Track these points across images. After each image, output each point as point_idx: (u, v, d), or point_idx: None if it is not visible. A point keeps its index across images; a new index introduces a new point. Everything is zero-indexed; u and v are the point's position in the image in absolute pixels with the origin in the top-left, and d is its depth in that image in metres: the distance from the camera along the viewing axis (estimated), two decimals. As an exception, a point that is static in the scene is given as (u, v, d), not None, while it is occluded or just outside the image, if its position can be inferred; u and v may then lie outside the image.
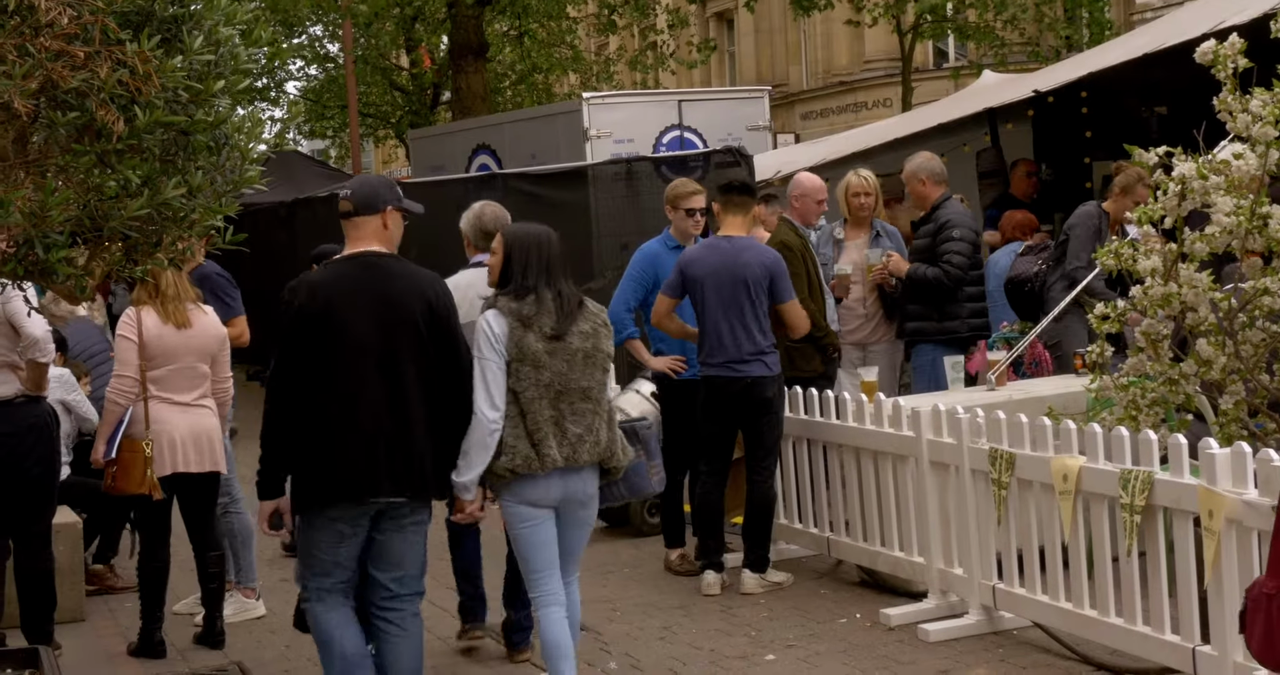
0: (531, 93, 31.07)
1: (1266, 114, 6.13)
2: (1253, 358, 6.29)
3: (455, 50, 23.79)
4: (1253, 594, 4.21)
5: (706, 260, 8.09)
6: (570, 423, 5.78)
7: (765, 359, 8.03)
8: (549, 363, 5.74)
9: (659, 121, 17.79)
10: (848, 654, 6.93)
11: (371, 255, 5.84)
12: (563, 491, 5.85)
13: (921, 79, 30.97)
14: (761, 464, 8.13)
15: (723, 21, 43.88)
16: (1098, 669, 6.43)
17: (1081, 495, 6.30)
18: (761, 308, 8.04)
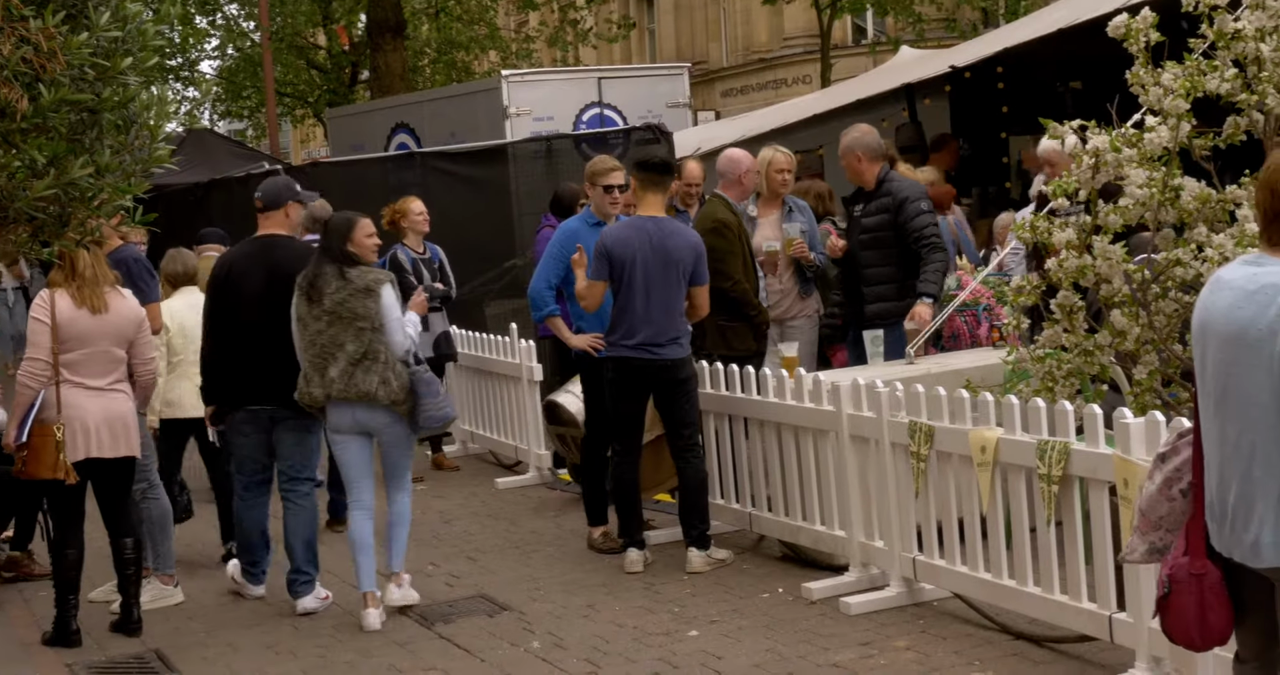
0: (450, 71, 30.91)
1: (1178, 87, 6.19)
2: (1166, 328, 6.35)
3: (373, 28, 23.62)
4: (1178, 576, 4.16)
5: (633, 241, 8.03)
6: (330, 367, 7.40)
7: (681, 341, 8.04)
8: (310, 321, 7.43)
9: (579, 99, 17.76)
10: (770, 628, 6.95)
11: (269, 237, 8.01)
12: (352, 419, 7.50)
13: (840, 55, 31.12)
14: (687, 443, 8.12)
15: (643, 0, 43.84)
16: (1016, 638, 6.48)
17: (999, 466, 6.35)
18: (682, 291, 8.03)
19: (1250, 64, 6.25)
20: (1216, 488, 4.05)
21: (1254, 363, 3.88)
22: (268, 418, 7.84)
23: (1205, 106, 6.35)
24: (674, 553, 8.24)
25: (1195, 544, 4.15)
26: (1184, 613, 4.15)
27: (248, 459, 7.99)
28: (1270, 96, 6.20)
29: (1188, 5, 6.31)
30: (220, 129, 38.82)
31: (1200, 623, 4.14)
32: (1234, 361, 3.95)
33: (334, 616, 7.73)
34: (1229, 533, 4.02)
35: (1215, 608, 4.10)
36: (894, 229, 9.04)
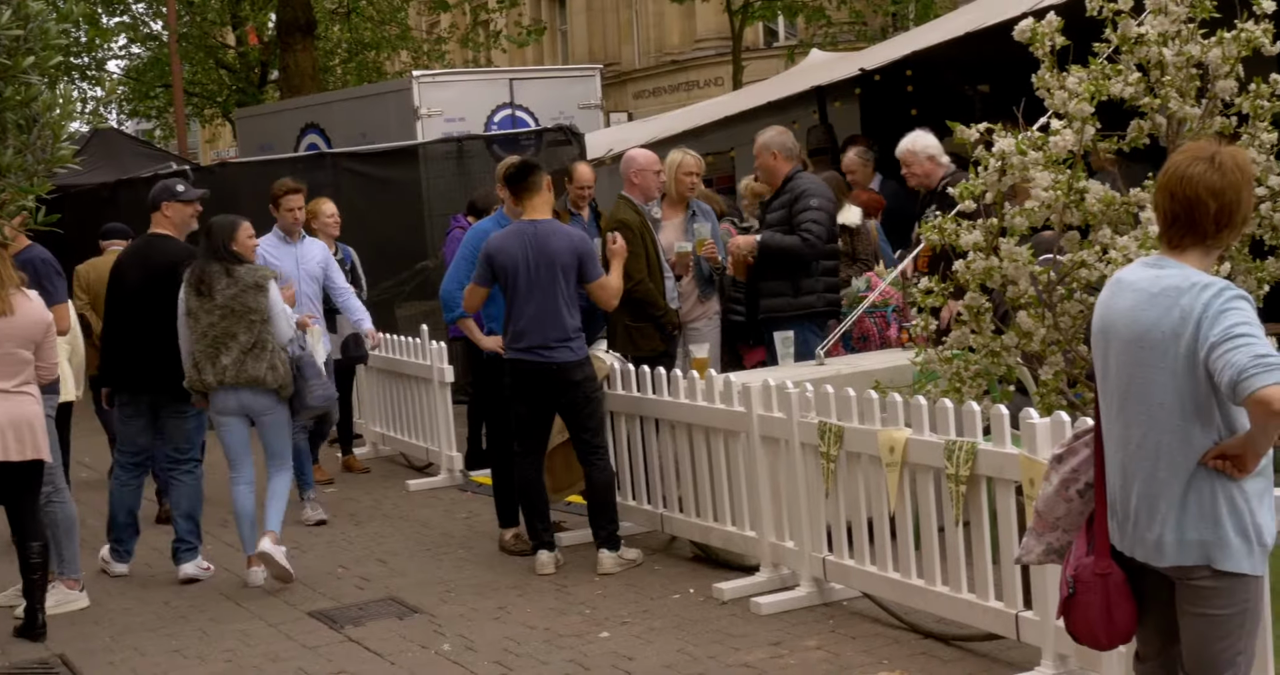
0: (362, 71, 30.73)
1: (1082, 90, 6.27)
2: (1071, 329, 6.43)
3: (282, 27, 23.41)
4: (1083, 576, 4.20)
5: (513, 246, 8.01)
6: (222, 356, 8.15)
7: (571, 345, 7.99)
8: (201, 315, 8.15)
9: (490, 100, 17.72)
10: (681, 629, 6.96)
11: (151, 236, 8.79)
12: (238, 403, 8.24)
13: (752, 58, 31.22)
14: (591, 445, 8.11)
15: (555, 0, 43.77)
16: (925, 637, 6.53)
17: (908, 467, 6.39)
18: (571, 291, 8.00)
19: (1153, 68, 6.35)
20: (1119, 488, 4.10)
21: (1157, 364, 3.94)
22: (147, 404, 8.58)
23: (1109, 110, 6.44)
24: (585, 554, 8.24)
25: (1100, 544, 4.19)
26: (1089, 612, 4.19)
27: (128, 442, 8.71)
28: (1173, 100, 6.30)
29: (1092, 10, 6.39)
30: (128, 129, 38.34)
31: (1106, 622, 4.18)
32: (1137, 363, 4.00)
33: (241, 620, 7.66)
34: (1131, 532, 4.08)
35: (1121, 606, 4.14)
36: (789, 224, 9.12)
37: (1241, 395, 3.70)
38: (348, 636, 7.25)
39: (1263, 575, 3.96)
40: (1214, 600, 3.95)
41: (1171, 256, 4.03)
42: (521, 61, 36.26)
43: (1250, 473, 3.88)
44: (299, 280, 9.70)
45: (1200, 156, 4.01)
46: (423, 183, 14.06)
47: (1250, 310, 3.83)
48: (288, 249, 10.04)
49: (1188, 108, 6.34)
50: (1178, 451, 3.94)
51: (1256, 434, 3.80)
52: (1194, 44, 6.28)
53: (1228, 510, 3.90)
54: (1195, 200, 3.98)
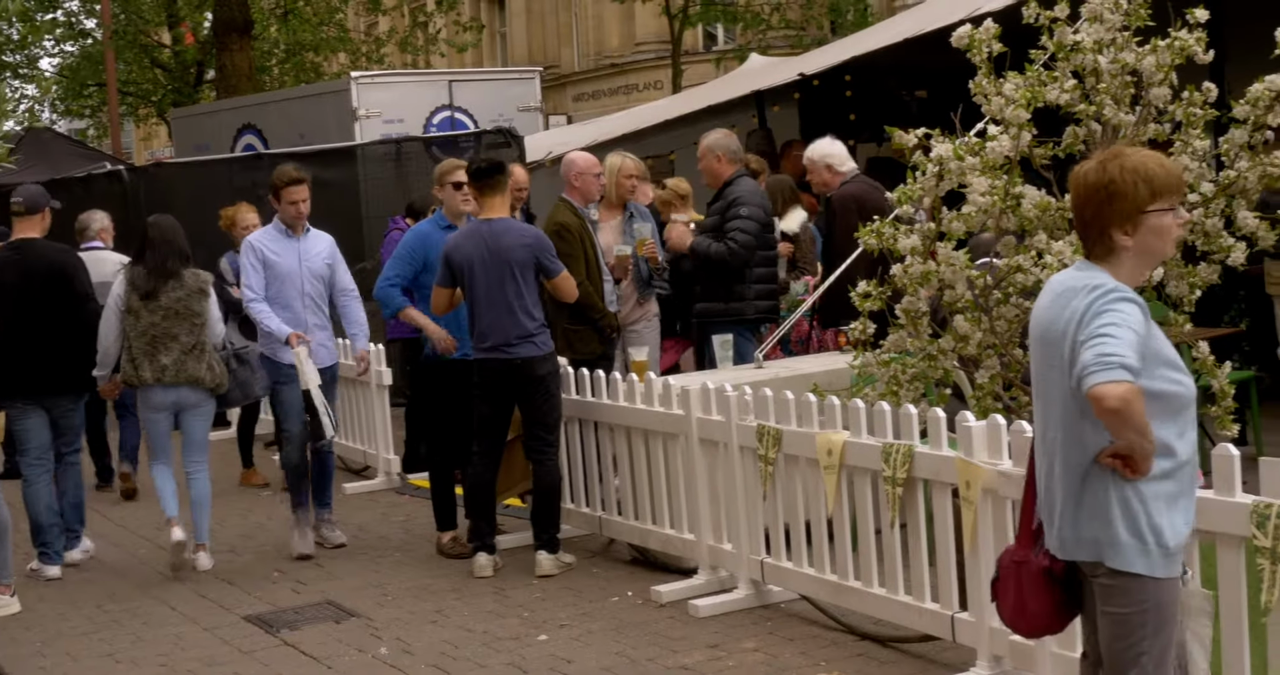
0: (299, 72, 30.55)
1: (1019, 97, 6.31)
2: (1007, 333, 6.47)
3: (219, 27, 23.26)
4: (1004, 562, 4.33)
5: (468, 246, 8.01)
6: (161, 356, 8.42)
7: (535, 340, 8.01)
8: (143, 314, 8.39)
9: (429, 102, 17.68)
10: (619, 632, 6.97)
11: (26, 240, 8.81)
12: (175, 398, 8.54)
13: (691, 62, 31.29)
14: (544, 444, 8.10)
15: (494, 3, 43.70)
16: (862, 638, 6.57)
17: (845, 469, 6.42)
18: (529, 288, 8.01)
19: (1088, 75, 6.39)
20: (1041, 483, 4.21)
21: (1054, 364, 4.04)
22: (39, 403, 8.71)
23: (1045, 116, 6.49)
24: (523, 557, 8.22)
25: (1022, 533, 4.28)
26: (1006, 598, 4.30)
27: (33, 443, 8.76)
28: (1107, 107, 6.35)
29: (1029, 18, 6.44)
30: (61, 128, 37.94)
31: (1018, 609, 4.26)
32: (1042, 361, 4.11)
33: (176, 624, 7.60)
34: (1046, 526, 4.17)
35: (1036, 597, 4.20)
36: (721, 230, 9.16)
37: (1083, 392, 3.79)
38: (283, 640, 7.21)
39: (1166, 577, 3.97)
40: (1113, 598, 4.01)
41: (1091, 261, 4.09)
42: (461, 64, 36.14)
43: (1144, 474, 3.91)
44: (302, 279, 8.93)
45: (1092, 161, 4.08)
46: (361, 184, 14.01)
47: (1132, 314, 3.87)
48: (289, 244, 9.06)
49: (1122, 115, 6.39)
50: (1072, 449, 4.03)
51: (1114, 433, 3.86)
52: (1129, 52, 6.34)
53: (1120, 510, 3.95)
54: (1081, 203, 4.08)
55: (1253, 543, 4.57)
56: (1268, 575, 4.50)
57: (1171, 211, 4.02)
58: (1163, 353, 3.97)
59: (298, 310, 8.84)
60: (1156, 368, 3.92)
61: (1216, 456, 4.71)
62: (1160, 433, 3.91)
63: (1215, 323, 9.15)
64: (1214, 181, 6.36)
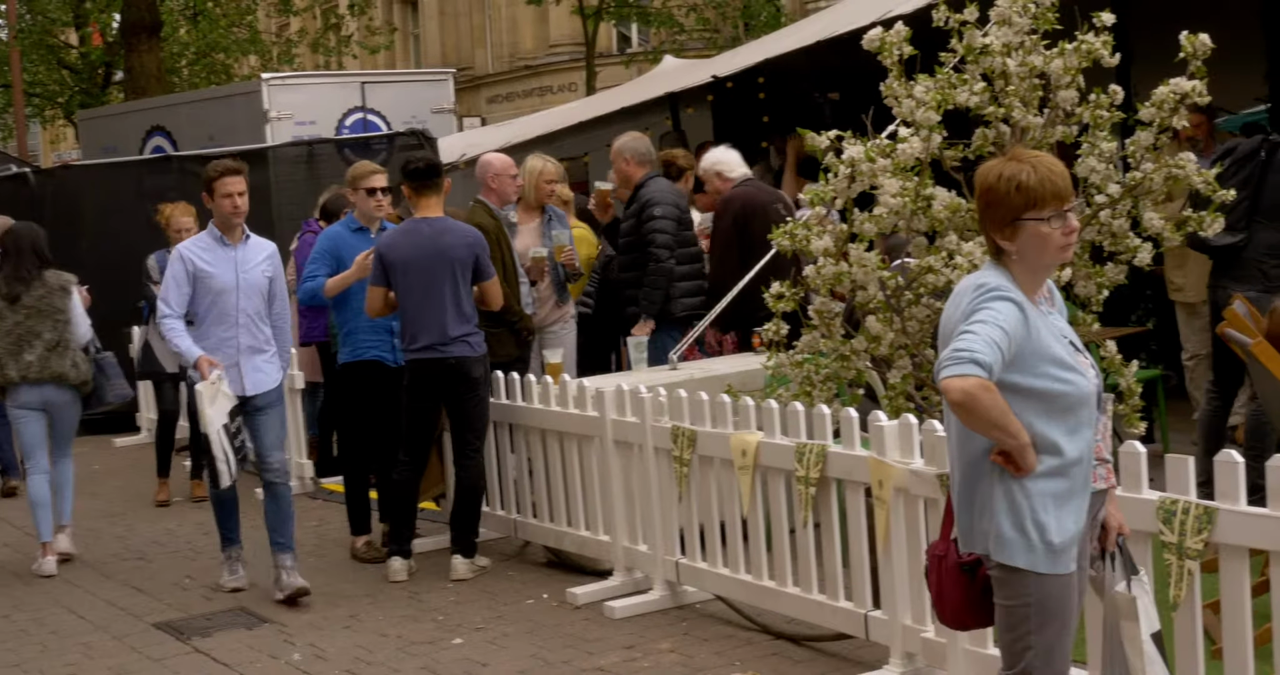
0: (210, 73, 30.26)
1: (929, 99, 6.36)
2: (918, 333, 6.52)
3: (127, 28, 22.99)
4: (929, 555, 4.40)
5: (406, 244, 7.96)
6: (25, 353, 8.61)
7: (470, 340, 7.96)
8: (7, 314, 8.64)
9: (341, 103, 17.55)
10: (535, 634, 6.95)
11: None
12: (40, 397, 8.73)
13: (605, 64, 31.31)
14: (470, 447, 8.06)
15: (407, 4, 43.50)
16: (776, 638, 6.59)
17: (760, 469, 6.45)
18: (466, 289, 7.96)
19: (998, 78, 6.46)
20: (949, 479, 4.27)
21: None
22: None
23: (955, 118, 6.55)
24: (438, 561, 8.19)
25: (944, 528, 4.34)
26: (931, 590, 4.38)
27: None
28: (1016, 109, 6.42)
29: (938, 21, 6.49)
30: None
31: (939, 600, 4.34)
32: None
33: (85, 633, 7.50)
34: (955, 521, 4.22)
35: (950, 588, 4.26)
36: (638, 233, 9.19)
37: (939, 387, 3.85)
38: (195, 647, 7.13)
39: (1050, 573, 4.01)
40: (1001, 590, 4.09)
41: (993, 262, 4.13)
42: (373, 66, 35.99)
43: (1028, 470, 3.96)
44: (238, 293, 7.80)
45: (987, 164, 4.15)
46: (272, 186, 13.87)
47: (1006, 312, 3.90)
48: (224, 253, 7.83)
49: (1030, 117, 6.46)
50: (964, 444, 4.10)
51: (967, 426, 3.94)
52: (1037, 55, 6.41)
53: (1005, 505, 4.01)
54: (975, 206, 4.16)
55: (1159, 538, 4.64)
56: (1174, 570, 4.57)
57: (1048, 221, 4.00)
58: (1048, 350, 3.99)
59: (233, 330, 7.80)
60: (1040, 365, 3.96)
61: (1124, 454, 4.77)
62: (1046, 431, 3.97)
63: (1123, 322, 9.28)
64: (1120, 183, 6.44)
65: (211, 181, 7.77)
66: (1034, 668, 4.08)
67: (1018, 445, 3.92)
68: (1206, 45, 6.23)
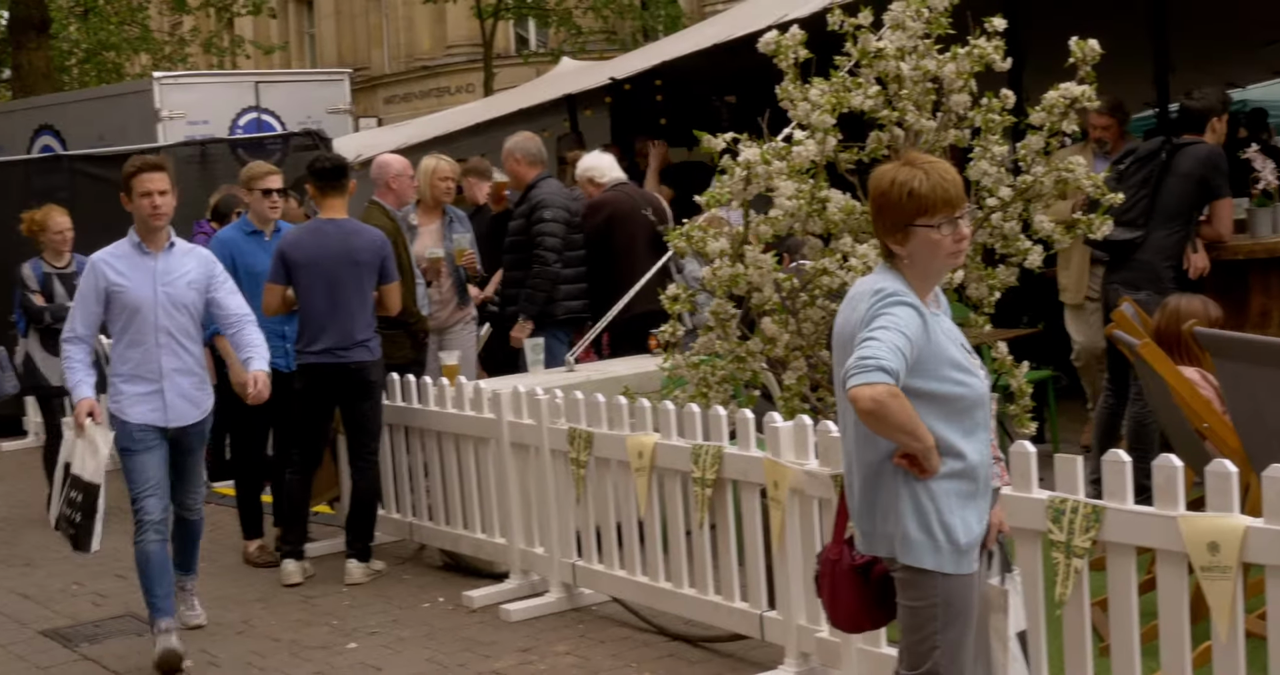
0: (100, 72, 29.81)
1: (824, 102, 6.40)
2: (813, 335, 6.57)
3: (15, 24, 22.59)
4: (821, 559, 4.42)
5: (311, 244, 7.87)
6: None
7: (369, 345, 7.90)
8: None
9: (235, 103, 17.38)
10: (430, 637, 6.91)
11: None
12: None
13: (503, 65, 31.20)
14: (367, 450, 8.01)
15: (303, 3, 43.12)
16: (673, 639, 6.60)
17: (656, 471, 6.45)
18: (369, 292, 7.90)
19: (891, 82, 6.51)
20: (845, 482, 4.31)
21: (844, 364, 4.10)
22: None
23: (850, 121, 6.60)
24: (332, 564, 8.12)
25: (837, 531, 4.36)
26: (823, 594, 4.40)
27: None
28: (910, 113, 6.48)
29: (833, 25, 6.54)
30: None
31: (833, 604, 4.36)
32: (839, 363, 4.17)
33: (-29, 640, 7.37)
34: (852, 524, 4.25)
35: (845, 591, 4.29)
36: (528, 234, 9.17)
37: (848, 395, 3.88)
38: (84, 655, 7.02)
39: (956, 573, 4.06)
40: (907, 592, 4.11)
41: (887, 265, 4.17)
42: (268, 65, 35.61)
43: (931, 473, 4.01)
44: (156, 309, 6.70)
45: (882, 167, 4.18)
46: (164, 187, 13.68)
47: (906, 317, 3.94)
48: (143, 263, 6.74)
49: (924, 120, 6.53)
50: (865, 449, 4.12)
51: (877, 433, 3.96)
52: (930, 59, 6.47)
53: (911, 507, 4.04)
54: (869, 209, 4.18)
55: (1048, 537, 4.69)
56: (1062, 569, 4.63)
57: (939, 228, 4.03)
58: (946, 354, 4.04)
59: (151, 351, 6.73)
60: (939, 369, 4.00)
61: (1014, 453, 4.83)
62: (946, 433, 4.01)
63: (1014, 324, 9.37)
64: (1012, 186, 6.52)
65: (129, 178, 6.70)
66: (940, 667, 4.11)
67: (924, 448, 3.95)
68: (1095, 51, 6.33)
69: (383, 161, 9.32)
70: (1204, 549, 4.25)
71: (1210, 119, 8.20)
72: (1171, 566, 4.44)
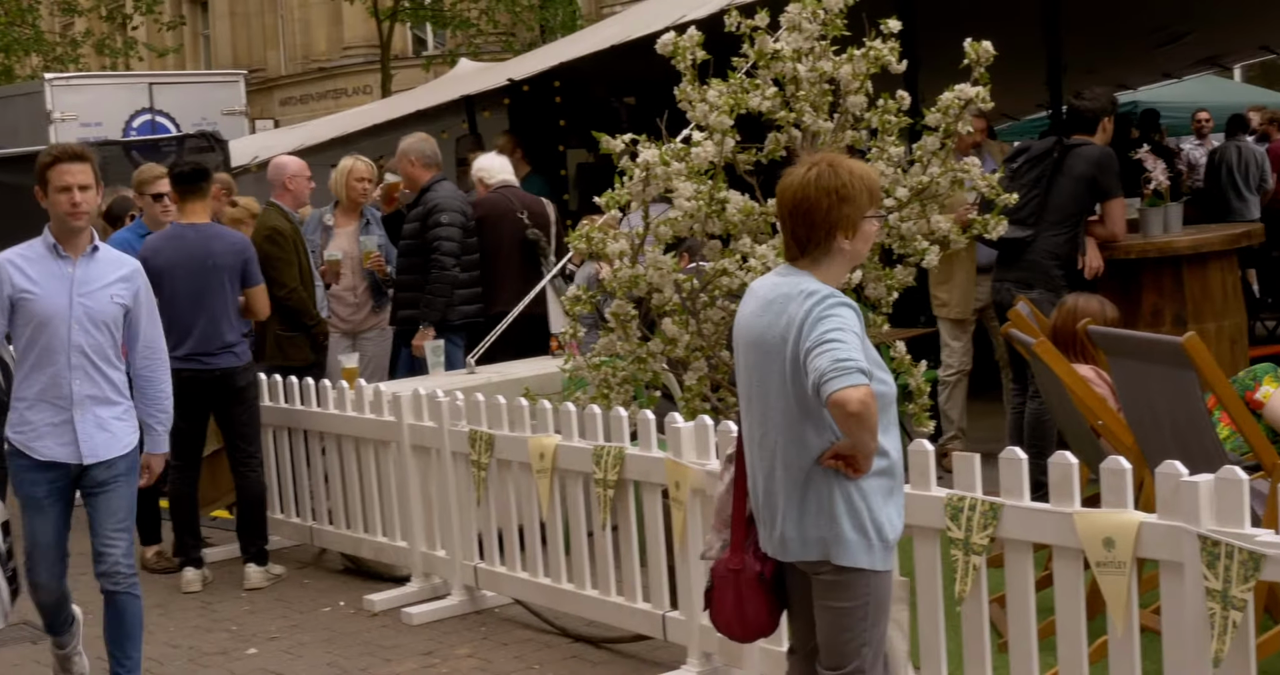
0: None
1: (722, 104, 6.43)
2: (714, 335, 6.59)
3: (-101, 25, 22.15)
4: (719, 571, 4.39)
5: (170, 250, 7.79)
6: None
7: (235, 350, 7.82)
8: None
9: (129, 104, 17.19)
10: (332, 642, 6.86)
11: None
12: None
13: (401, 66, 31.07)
14: (246, 455, 7.94)
15: (196, 4, 42.63)
16: (575, 640, 6.60)
17: (558, 473, 6.44)
18: (233, 297, 7.83)
19: (789, 83, 6.55)
20: (754, 487, 4.28)
21: (771, 368, 4.12)
22: None
23: (748, 123, 6.63)
24: (232, 570, 8.04)
25: (735, 540, 4.36)
26: (724, 606, 4.37)
27: None
28: (807, 114, 6.52)
29: (730, 26, 6.56)
30: None
31: (739, 616, 4.35)
32: (755, 366, 4.18)
33: None
34: (763, 529, 4.24)
35: (752, 602, 4.30)
36: (423, 238, 9.11)
37: (823, 398, 3.89)
38: (-24, 664, 6.90)
39: (884, 570, 4.14)
40: (838, 594, 4.13)
41: (795, 266, 4.19)
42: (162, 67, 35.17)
43: (865, 472, 4.05)
44: (69, 324, 5.71)
45: (808, 166, 4.19)
46: (57, 189, 13.47)
47: (850, 318, 3.99)
48: (57, 269, 5.77)
49: (821, 122, 6.57)
50: (793, 451, 4.12)
51: (850, 435, 3.97)
52: (826, 61, 6.51)
53: (845, 508, 4.07)
54: (809, 206, 4.14)
55: (947, 534, 4.74)
56: (961, 566, 4.68)
57: (875, 220, 4.18)
58: (873, 354, 4.10)
59: (62, 373, 5.72)
60: (870, 369, 4.04)
61: (912, 452, 4.87)
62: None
63: (911, 323, 9.46)
64: (908, 187, 6.58)
65: (44, 169, 5.82)
66: (866, 663, 4.15)
67: (874, 449, 3.99)
68: (989, 52, 6.41)
69: (279, 163, 9.27)
70: (1099, 545, 4.31)
71: (1102, 119, 8.32)
72: (1067, 562, 4.50)
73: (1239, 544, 3.95)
